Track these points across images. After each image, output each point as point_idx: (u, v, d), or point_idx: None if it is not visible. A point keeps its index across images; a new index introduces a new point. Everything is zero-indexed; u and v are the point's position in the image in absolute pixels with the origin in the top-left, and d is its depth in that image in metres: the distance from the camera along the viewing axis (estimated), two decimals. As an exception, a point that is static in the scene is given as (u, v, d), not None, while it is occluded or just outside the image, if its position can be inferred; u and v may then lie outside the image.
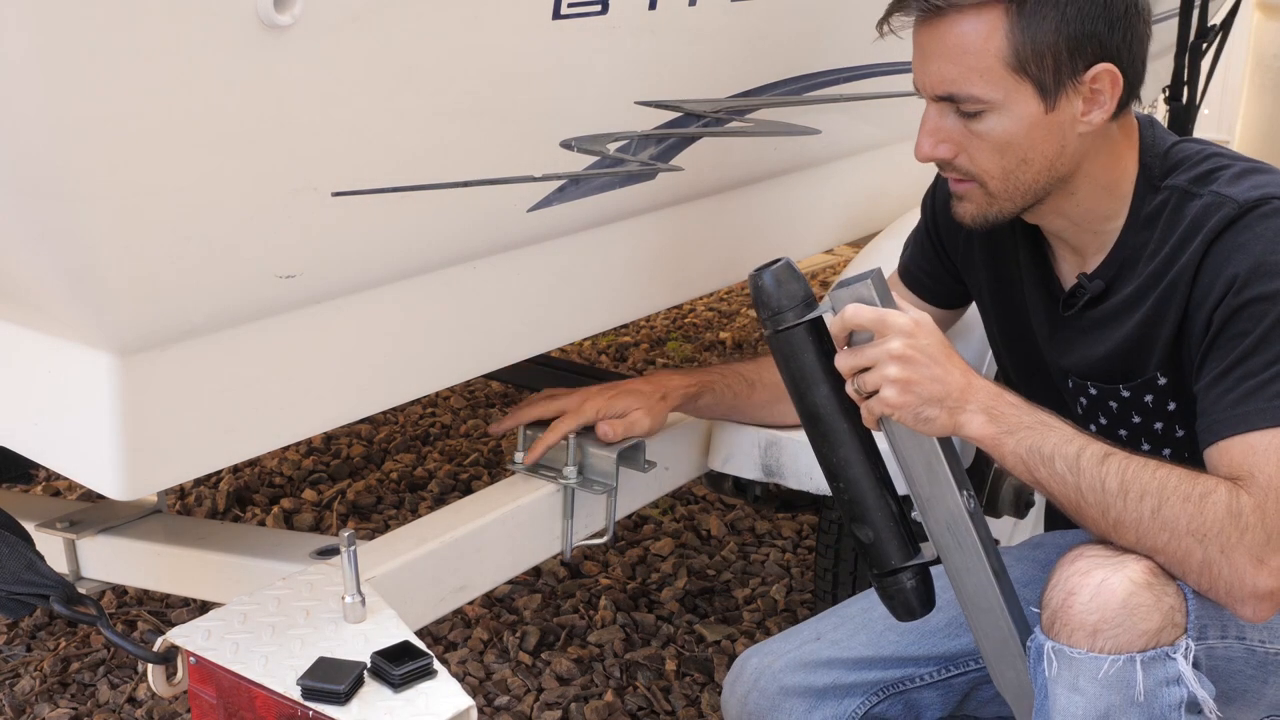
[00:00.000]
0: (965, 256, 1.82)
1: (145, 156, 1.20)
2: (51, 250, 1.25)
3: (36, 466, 1.91)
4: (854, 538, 1.48)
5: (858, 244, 2.56)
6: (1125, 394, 1.59)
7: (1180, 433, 1.58)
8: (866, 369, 1.38)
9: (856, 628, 1.73)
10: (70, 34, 1.08)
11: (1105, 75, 1.47)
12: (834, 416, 1.43)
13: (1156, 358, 1.53)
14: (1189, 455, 1.54)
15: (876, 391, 1.38)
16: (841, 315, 1.40)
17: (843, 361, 1.40)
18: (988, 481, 2.23)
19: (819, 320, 1.42)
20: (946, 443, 1.44)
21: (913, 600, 1.48)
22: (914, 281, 1.93)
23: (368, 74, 1.35)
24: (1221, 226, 1.45)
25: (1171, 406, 1.57)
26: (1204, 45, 3.14)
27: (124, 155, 1.18)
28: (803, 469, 1.96)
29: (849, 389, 1.41)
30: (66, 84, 1.10)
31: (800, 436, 2.05)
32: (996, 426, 1.40)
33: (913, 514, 1.46)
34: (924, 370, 1.37)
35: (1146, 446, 1.59)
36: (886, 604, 1.50)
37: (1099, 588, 1.35)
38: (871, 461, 1.45)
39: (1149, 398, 1.57)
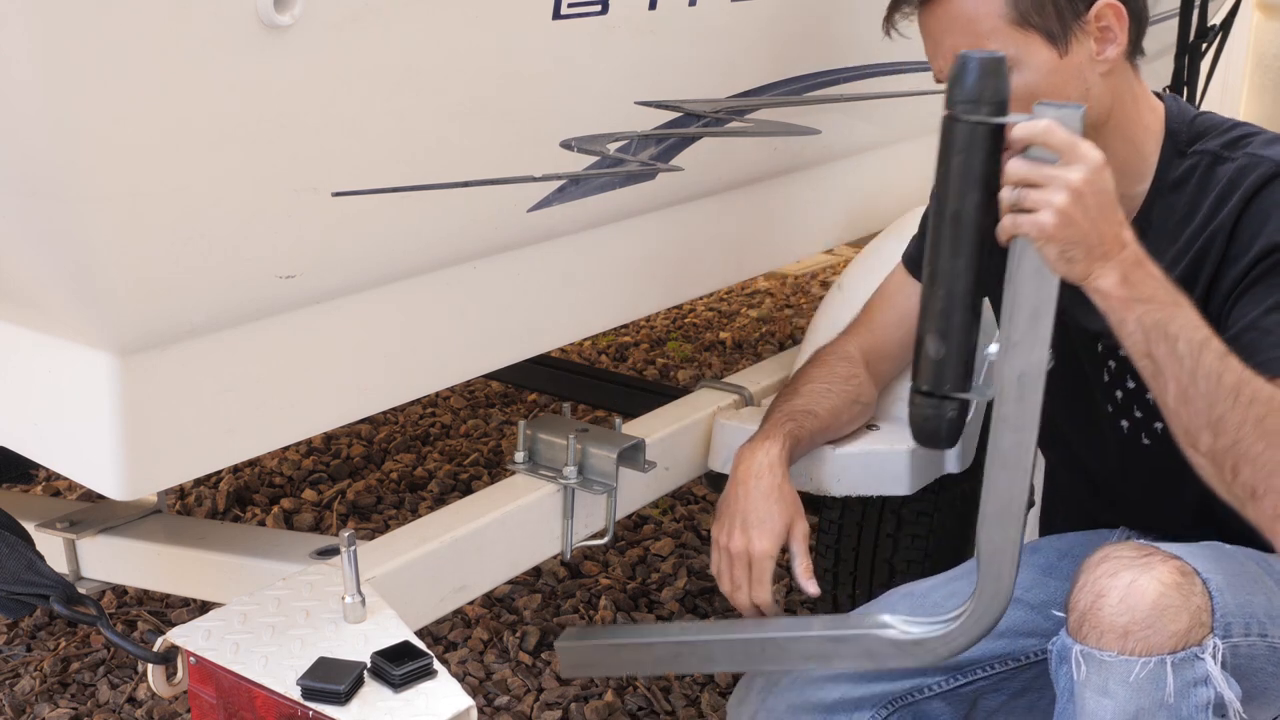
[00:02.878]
0: None
1: (145, 156, 1.20)
2: (51, 250, 1.25)
3: (36, 466, 1.91)
4: (918, 348, 1.44)
5: (858, 244, 2.56)
6: (1123, 353, 1.56)
7: None
8: (1036, 185, 1.33)
9: None
10: (71, 34, 1.08)
11: (1109, 11, 1.50)
12: (973, 222, 1.38)
13: None
14: None
15: (1032, 211, 1.33)
16: (1037, 125, 1.34)
17: (1017, 168, 1.34)
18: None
19: (1002, 128, 1.37)
20: (1059, 294, 1.40)
21: (944, 430, 1.45)
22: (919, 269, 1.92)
23: (368, 74, 1.35)
24: (1260, 184, 1.46)
25: None
26: (1204, 45, 3.15)
27: (124, 155, 1.18)
28: (802, 469, 1.96)
29: (1005, 195, 1.36)
30: (67, 84, 1.10)
31: (800, 436, 2.05)
32: (1129, 291, 1.36)
33: (988, 349, 1.42)
34: (1090, 212, 1.32)
35: (1139, 414, 1.59)
36: (917, 424, 1.47)
37: (1129, 589, 1.35)
38: (978, 281, 1.41)
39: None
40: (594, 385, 2.94)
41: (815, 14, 2.01)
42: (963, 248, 1.39)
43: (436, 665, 1.36)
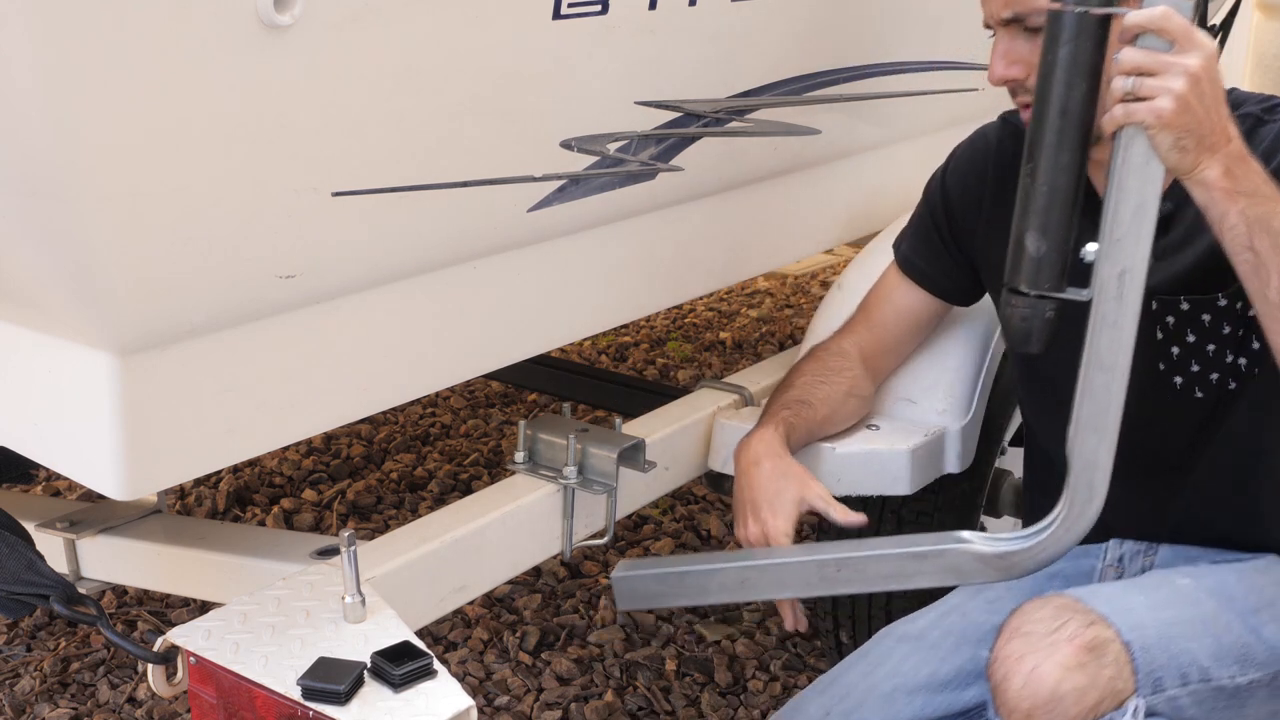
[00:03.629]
0: (988, 228, 1.80)
1: (145, 156, 1.20)
2: (52, 250, 1.25)
3: (36, 466, 1.91)
4: (1017, 246, 1.42)
5: (858, 244, 2.56)
6: (1222, 303, 1.58)
7: (1230, 358, 1.59)
8: (1152, 73, 1.31)
9: (863, 696, 1.68)
10: (71, 34, 1.08)
11: None
12: (1079, 115, 1.37)
13: (1220, 278, 1.51)
14: (1235, 384, 1.58)
15: (1148, 99, 1.32)
16: (1154, 11, 1.31)
17: (1133, 55, 1.32)
18: (988, 481, 2.24)
19: (1109, 19, 1.36)
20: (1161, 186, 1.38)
21: (1041, 332, 1.42)
22: (918, 274, 1.92)
23: (368, 74, 1.35)
24: None
25: (1226, 330, 1.58)
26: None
27: (124, 155, 1.18)
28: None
29: (1118, 84, 1.33)
30: (67, 84, 1.10)
31: (800, 436, 2.05)
32: (1232, 183, 1.35)
33: (1086, 248, 1.40)
34: (1205, 100, 1.31)
35: (1195, 368, 1.60)
36: (1013, 325, 1.44)
37: (1029, 676, 1.38)
38: (1079, 178, 1.39)
39: (1207, 317, 1.58)
40: (594, 385, 2.94)
41: (815, 14, 2.01)
42: (1067, 141, 1.37)
43: (436, 665, 1.36)
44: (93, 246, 1.23)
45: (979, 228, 1.82)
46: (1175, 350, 1.63)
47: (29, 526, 1.68)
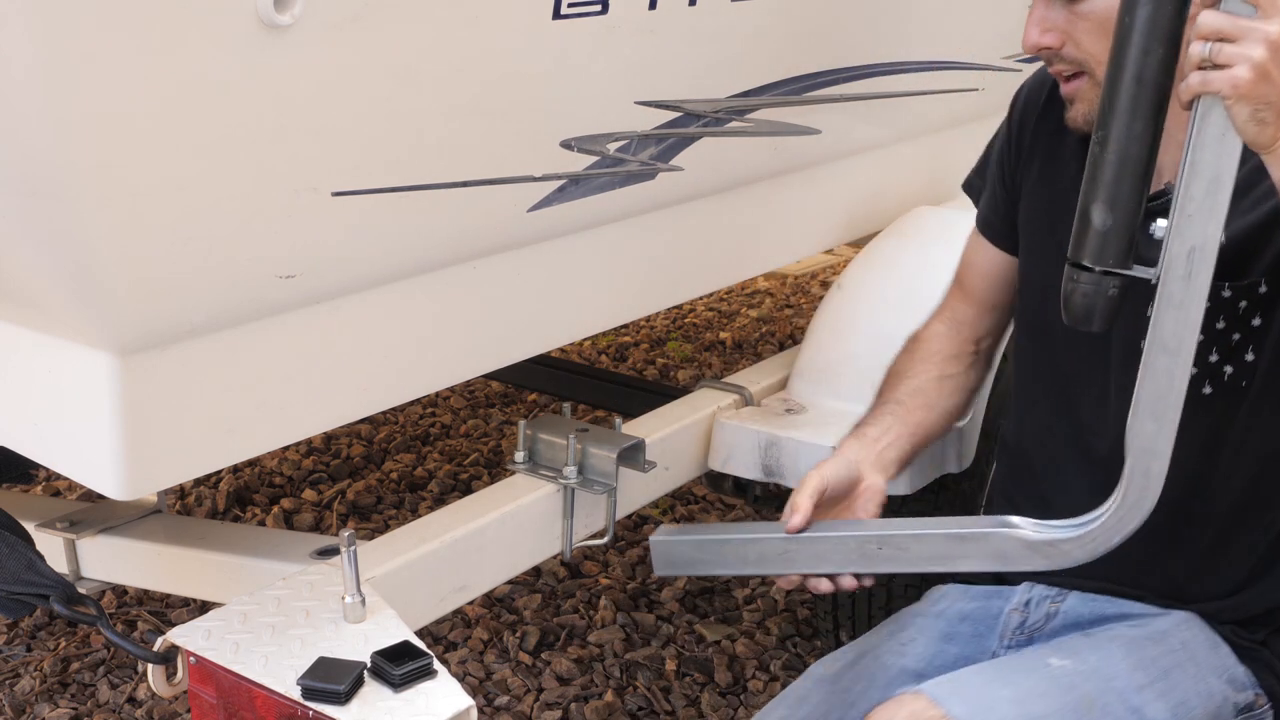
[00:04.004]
0: (1046, 164, 1.71)
1: (145, 156, 1.20)
2: (52, 250, 1.25)
3: (36, 466, 1.91)
4: (1082, 218, 1.35)
5: (858, 244, 2.56)
6: (1226, 294, 1.50)
7: (1250, 357, 1.51)
8: (1231, 40, 1.22)
9: None
10: (71, 34, 1.08)
11: None
12: (1155, 82, 1.29)
13: (1262, 262, 1.46)
14: (1245, 384, 1.49)
15: (1225, 67, 1.23)
16: None
17: (1212, 19, 1.23)
18: (988, 481, 2.23)
19: None
20: (1236, 166, 1.30)
21: (1104, 311, 1.36)
22: (994, 232, 1.81)
23: (368, 74, 1.35)
24: None
25: (1256, 322, 1.49)
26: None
27: (124, 155, 1.18)
28: (802, 469, 1.96)
29: (1195, 50, 1.25)
30: (67, 84, 1.10)
31: (800, 436, 2.06)
32: None
33: (1155, 224, 1.33)
34: None
35: (1214, 359, 1.52)
36: (1074, 301, 1.37)
37: None
38: (1152, 150, 1.32)
39: (1243, 304, 1.50)
40: (594, 385, 2.94)
41: (815, 14, 2.01)
42: (1141, 109, 1.30)
43: (436, 665, 1.36)
44: (93, 246, 1.23)
45: (1030, 175, 1.73)
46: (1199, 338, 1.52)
47: (29, 526, 1.68)
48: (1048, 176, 1.67)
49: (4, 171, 1.18)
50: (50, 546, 1.76)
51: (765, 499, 2.29)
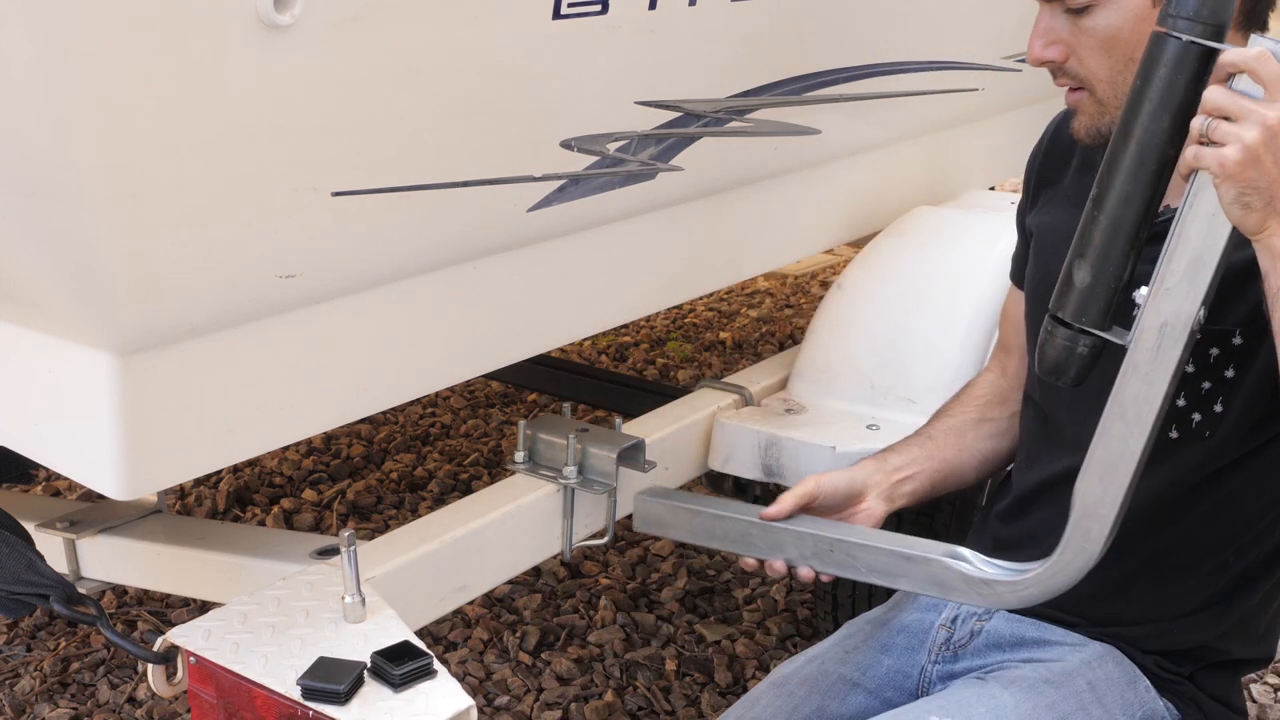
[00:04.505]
0: (1045, 206, 1.70)
1: (145, 156, 1.20)
2: (52, 250, 1.25)
3: (36, 466, 1.91)
4: (1066, 270, 1.35)
5: (858, 244, 2.56)
6: (1197, 336, 1.46)
7: (1219, 408, 1.49)
8: (1230, 118, 1.21)
9: None
10: (71, 34, 1.08)
11: None
12: (1157, 147, 1.28)
13: (1239, 310, 1.44)
14: (1210, 434, 1.47)
15: (1220, 145, 1.21)
16: (1250, 51, 1.21)
17: (1215, 95, 1.23)
18: (987, 482, 2.23)
19: (1213, 52, 1.25)
20: (1228, 249, 1.29)
21: (1076, 367, 1.35)
22: (1020, 279, 1.79)
23: (368, 74, 1.35)
24: None
25: (1229, 374, 1.47)
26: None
27: (124, 155, 1.18)
28: (802, 469, 1.96)
29: (1195, 123, 1.24)
30: (67, 84, 1.10)
31: (800, 436, 2.06)
32: None
33: (1138, 291, 1.32)
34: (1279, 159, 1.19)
35: (1181, 403, 1.50)
36: (1046, 355, 1.37)
37: None
38: (1145, 216, 1.31)
39: (1215, 351, 1.47)
40: (594, 385, 2.94)
41: (815, 14, 2.01)
42: (1139, 175, 1.29)
43: (436, 665, 1.36)
44: (93, 246, 1.23)
45: (1035, 216, 1.72)
46: None
47: (29, 526, 1.68)
48: (1044, 221, 1.67)
49: (4, 171, 1.19)
50: (50, 546, 1.76)
51: (765, 499, 2.29)
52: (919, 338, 2.17)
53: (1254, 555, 1.51)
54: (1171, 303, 1.29)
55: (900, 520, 2.21)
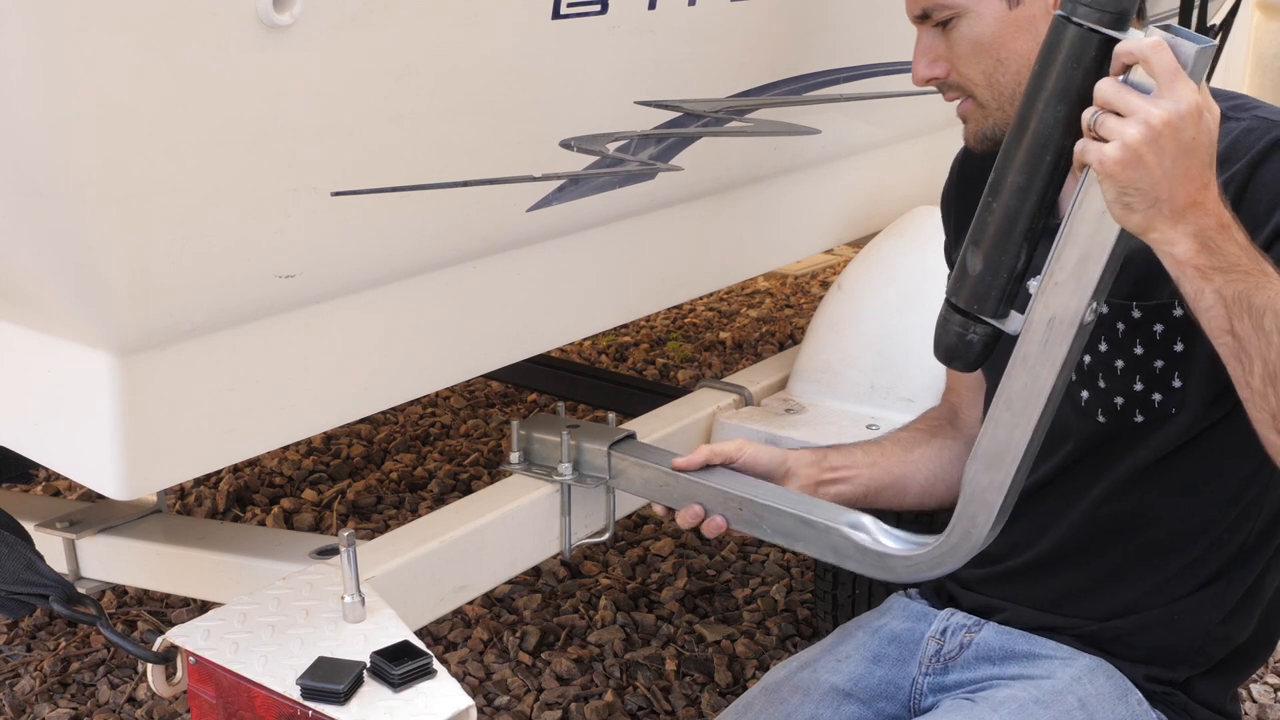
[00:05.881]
0: (957, 231, 1.73)
1: (145, 156, 1.20)
2: (52, 250, 1.25)
3: (36, 466, 1.91)
4: (961, 258, 1.34)
5: (858, 244, 2.56)
6: (1136, 314, 1.46)
7: (1177, 383, 1.46)
8: (1117, 114, 1.18)
9: None
10: (70, 34, 1.08)
11: None
12: (1052, 137, 1.25)
13: (1170, 283, 1.37)
14: (1176, 411, 1.45)
15: (1105, 140, 1.19)
16: (1145, 42, 1.17)
17: (1105, 88, 1.19)
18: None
19: (1114, 41, 1.21)
20: (1121, 245, 1.26)
21: (963, 352, 1.35)
22: None
23: (368, 74, 1.35)
24: (1268, 147, 1.36)
25: (1179, 348, 1.45)
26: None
27: (124, 155, 1.18)
28: (803, 469, 1.96)
29: (1085, 115, 1.21)
30: (66, 84, 1.10)
31: (799, 436, 2.05)
32: (1208, 258, 1.20)
33: (1030, 281, 1.30)
34: (1165, 161, 1.16)
35: (1139, 387, 1.48)
36: (939, 333, 1.38)
37: None
38: (1039, 206, 1.28)
39: (1159, 328, 1.45)
40: (594, 385, 2.94)
41: (815, 14, 2.01)
42: (1032, 163, 1.26)
43: (436, 665, 1.36)
44: (93, 246, 1.23)
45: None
46: (1086, 359, 1.50)
47: (29, 526, 1.68)
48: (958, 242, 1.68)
49: (4, 171, 1.19)
50: (50, 546, 1.76)
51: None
52: (919, 338, 2.15)
53: (1248, 530, 1.50)
54: (1060, 297, 1.28)
55: (899, 519, 2.22)
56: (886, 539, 1.51)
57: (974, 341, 1.34)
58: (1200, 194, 1.19)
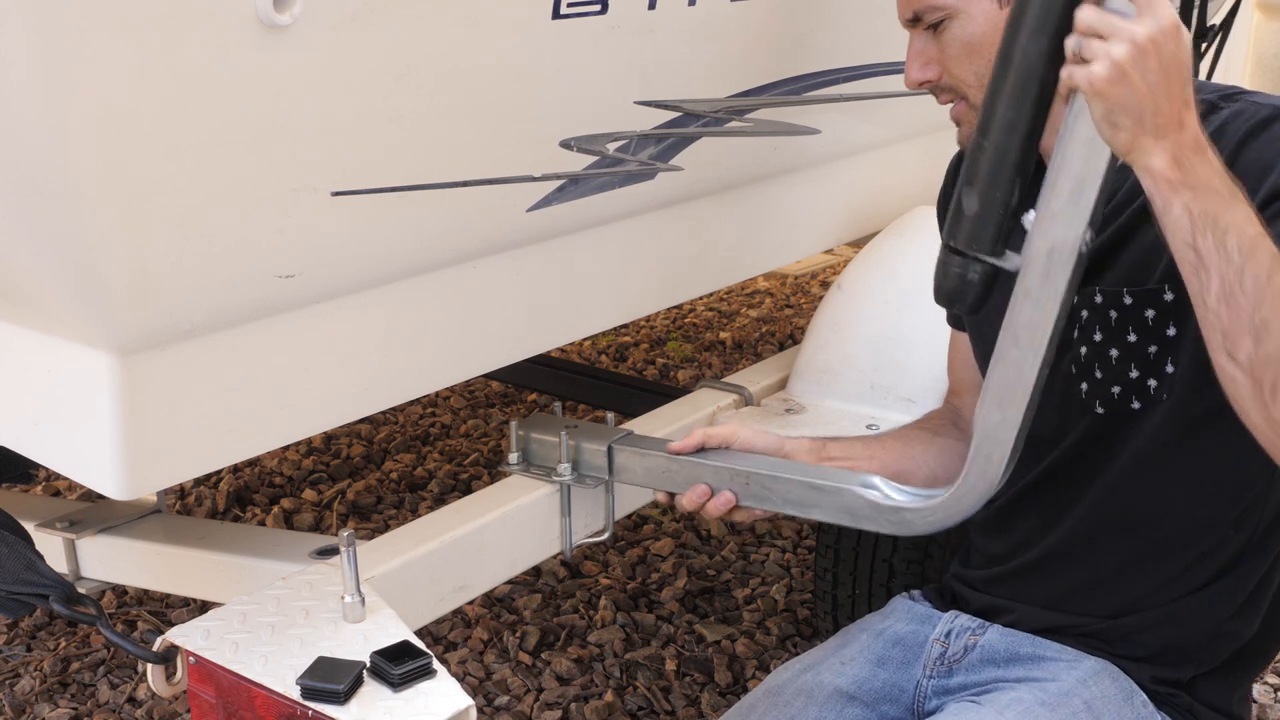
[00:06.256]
0: None
1: (145, 156, 1.20)
2: (52, 250, 1.25)
3: (36, 466, 1.91)
4: (956, 199, 1.35)
5: (858, 244, 2.56)
6: (1128, 301, 1.47)
7: (1170, 369, 1.47)
8: (1099, 37, 1.21)
9: None
10: (70, 34, 1.08)
11: None
12: (1036, 72, 1.27)
13: (1163, 268, 1.42)
14: (1167, 396, 1.46)
15: (1091, 63, 1.21)
16: None
17: (1085, 14, 1.22)
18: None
19: None
20: (1111, 169, 1.28)
21: (964, 293, 1.36)
22: (957, 321, 1.81)
23: (368, 74, 1.35)
24: (1256, 126, 1.39)
25: (1170, 332, 1.46)
26: (1204, 45, 3.14)
27: (124, 155, 1.18)
28: (803, 469, 1.96)
29: (1069, 42, 1.24)
30: (66, 84, 1.10)
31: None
32: (1180, 174, 1.22)
33: (1026, 215, 1.32)
34: (1149, 77, 1.20)
35: (1134, 374, 1.49)
36: (939, 282, 1.38)
37: None
38: (1028, 140, 1.30)
39: (1150, 313, 1.47)
40: (594, 385, 2.94)
41: (815, 14, 2.01)
42: (1019, 98, 1.28)
43: (436, 665, 1.36)
44: (93, 246, 1.23)
45: None
46: (1084, 350, 1.52)
47: (29, 526, 1.68)
48: None
49: (4, 171, 1.19)
50: (50, 546, 1.76)
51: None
52: (919, 338, 2.16)
53: (1254, 524, 1.50)
54: (1058, 227, 1.29)
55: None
56: (898, 494, 1.51)
57: (974, 281, 1.35)
58: (1183, 111, 1.22)
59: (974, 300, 1.36)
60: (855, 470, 1.64)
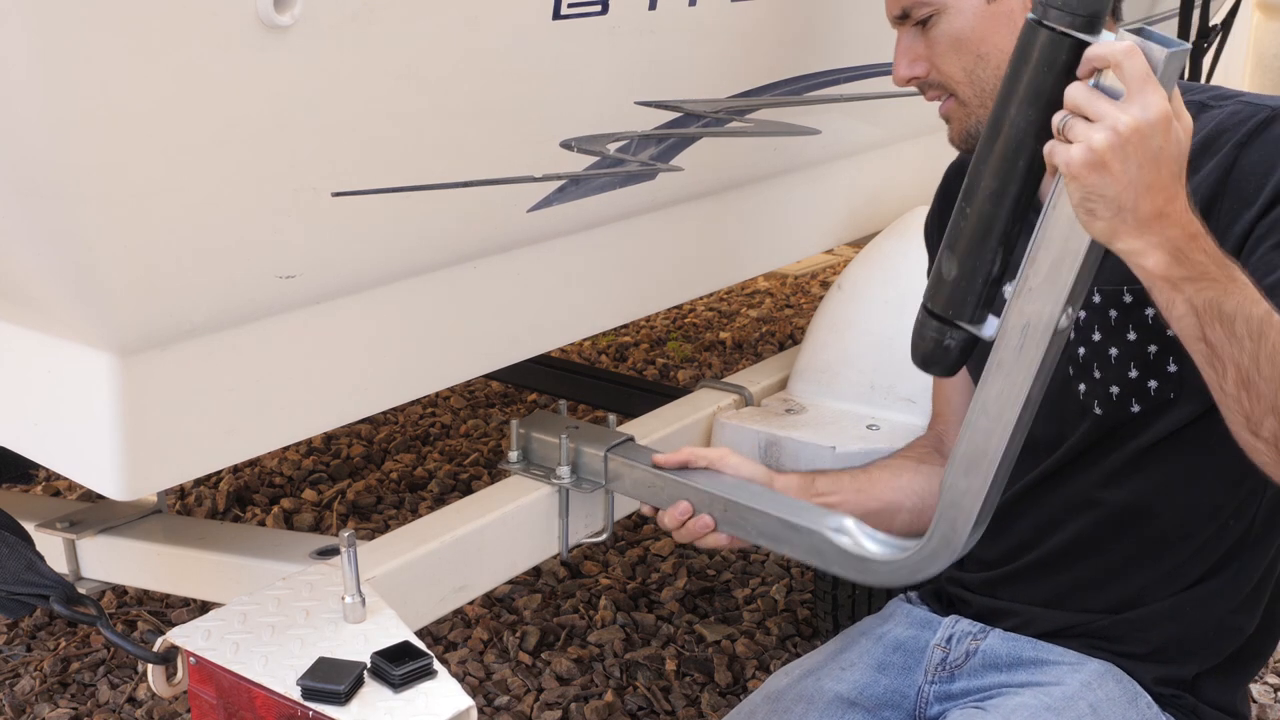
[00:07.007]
0: None
1: (145, 156, 1.20)
2: (52, 250, 1.25)
3: (36, 466, 1.91)
4: (937, 263, 1.33)
5: (858, 244, 2.56)
6: (1128, 299, 1.46)
7: (1173, 368, 1.46)
8: (1085, 118, 1.17)
9: None
10: (70, 34, 1.08)
11: None
12: (1023, 143, 1.23)
13: None
14: (1175, 396, 1.45)
15: (1072, 145, 1.18)
16: (1116, 46, 1.16)
17: (1074, 92, 1.18)
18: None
19: (1086, 45, 1.19)
20: (1094, 252, 1.25)
21: (941, 359, 1.34)
22: None
23: (368, 74, 1.35)
24: (1255, 128, 1.37)
25: (1171, 331, 1.39)
26: (1204, 45, 3.14)
27: (124, 155, 1.18)
28: (803, 469, 1.96)
29: (1055, 118, 1.20)
30: (66, 84, 1.10)
31: (800, 436, 2.06)
32: (1180, 269, 1.19)
33: (1007, 286, 1.29)
34: (1130, 168, 1.15)
35: (1134, 374, 1.48)
36: (915, 339, 1.37)
37: None
38: (1014, 210, 1.27)
39: (1150, 311, 1.44)
40: (594, 385, 2.94)
41: (815, 14, 2.01)
42: (1005, 168, 1.25)
43: (436, 665, 1.36)
44: (92, 246, 1.23)
45: None
46: (1081, 350, 1.51)
47: (29, 526, 1.68)
48: None
49: (4, 171, 1.18)
50: (50, 546, 1.76)
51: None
52: (919, 338, 2.16)
53: (1252, 515, 1.50)
54: (1034, 303, 1.27)
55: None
56: (869, 542, 1.50)
57: (951, 347, 1.34)
58: (1167, 205, 1.18)
59: (951, 365, 1.35)
60: (840, 507, 1.62)
